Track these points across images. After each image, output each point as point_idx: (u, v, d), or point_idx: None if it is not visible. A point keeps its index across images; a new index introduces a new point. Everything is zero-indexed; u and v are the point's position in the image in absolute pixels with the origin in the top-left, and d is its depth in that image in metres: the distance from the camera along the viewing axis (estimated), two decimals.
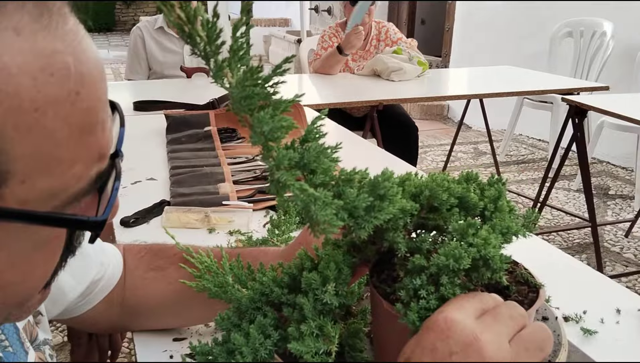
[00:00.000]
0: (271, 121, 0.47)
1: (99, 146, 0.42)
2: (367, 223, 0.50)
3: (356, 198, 0.49)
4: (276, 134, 0.47)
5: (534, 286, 0.62)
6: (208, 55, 0.46)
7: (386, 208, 0.50)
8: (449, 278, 0.51)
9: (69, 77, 0.38)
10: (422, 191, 0.57)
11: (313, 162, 0.50)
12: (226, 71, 0.46)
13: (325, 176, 0.51)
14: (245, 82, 0.46)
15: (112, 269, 0.84)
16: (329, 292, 0.56)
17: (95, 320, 0.86)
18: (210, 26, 0.44)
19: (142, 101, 2.41)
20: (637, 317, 0.95)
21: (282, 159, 0.48)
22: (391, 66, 3.19)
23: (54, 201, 0.40)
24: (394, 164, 1.72)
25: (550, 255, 1.18)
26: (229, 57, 0.46)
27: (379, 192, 0.51)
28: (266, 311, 0.61)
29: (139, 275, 0.86)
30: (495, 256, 0.52)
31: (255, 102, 0.46)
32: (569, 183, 4.24)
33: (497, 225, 0.56)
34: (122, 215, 1.28)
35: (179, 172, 1.54)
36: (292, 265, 0.63)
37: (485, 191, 0.59)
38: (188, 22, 0.44)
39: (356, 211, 0.50)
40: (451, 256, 0.50)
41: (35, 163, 0.37)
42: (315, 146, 0.50)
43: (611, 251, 3.20)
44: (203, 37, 0.45)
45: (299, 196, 0.47)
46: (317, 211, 0.47)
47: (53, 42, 0.37)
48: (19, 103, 0.35)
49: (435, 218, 0.58)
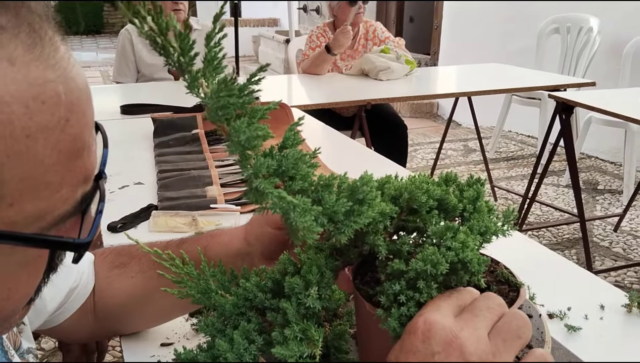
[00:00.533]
0: (248, 129, 0.47)
1: (85, 169, 0.43)
2: (347, 227, 0.51)
3: (335, 203, 0.50)
4: (253, 142, 0.47)
5: (514, 285, 0.63)
6: (182, 66, 0.46)
7: (365, 212, 0.51)
8: (426, 283, 0.52)
9: (60, 105, 0.40)
10: (401, 193, 0.57)
11: (291, 169, 0.50)
12: (201, 81, 0.46)
13: (304, 182, 0.51)
14: (220, 93, 0.46)
15: (86, 276, 0.84)
16: (311, 296, 0.56)
17: (73, 329, 0.86)
18: (183, 38, 0.45)
19: (130, 104, 2.40)
20: (620, 313, 0.96)
21: (260, 167, 0.49)
22: (379, 65, 3.19)
23: (40, 223, 0.41)
24: (382, 164, 1.73)
25: (535, 252, 1.19)
26: (204, 67, 0.46)
27: (358, 196, 0.51)
28: (250, 316, 0.61)
29: (103, 275, 0.86)
30: (473, 259, 0.52)
31: (232, 111, 0.47)
32: (559, 179, 4.26)
33: (475, 226, 0.56)
34: (110, 220, 1.28)
35: (167, 176, 1.54)
36: (275, 269, 0.63)
37: (464, 193, 0.60)
38: (160, 33, 0.44)
39: (336, 216, 0.50)
40: (429, 262, 0.51)
41: (24, 187, 0.39)
42: (293, 153, 0.51)
43: (600, 245, 3.23)
44: (176, 48, 0.45)
45: (277, 204, 0.47)
46: (296, 218, 0.47)
47: (44, 71, 0.39)
48: (11, 130, 0.37)
49: (415, 220, 0.58)
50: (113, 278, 0.86)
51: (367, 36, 3.51)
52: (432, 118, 6.30)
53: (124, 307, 0.86)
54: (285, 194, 0.47)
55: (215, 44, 0.46)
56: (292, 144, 0.52)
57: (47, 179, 0.40)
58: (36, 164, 0.39)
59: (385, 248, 0.56)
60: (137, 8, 0.43)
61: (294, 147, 0.52)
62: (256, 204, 0.50)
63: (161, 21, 0.44)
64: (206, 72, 0.46)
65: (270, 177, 0.50)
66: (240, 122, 0.47)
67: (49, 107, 0.39)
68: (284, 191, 0.48)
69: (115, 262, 0.87)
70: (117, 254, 0.88)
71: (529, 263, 1.12)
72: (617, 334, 0.91)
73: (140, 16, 0.43)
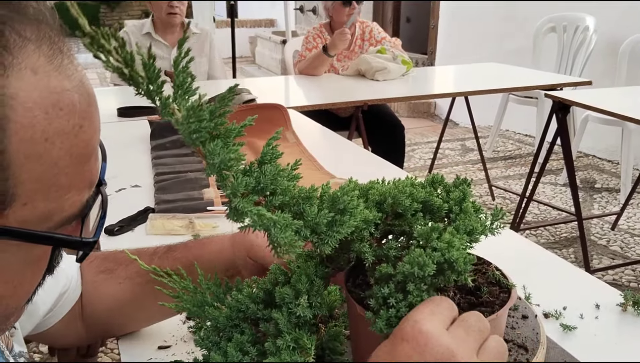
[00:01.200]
0: (222, 151, 0.48)
1: (91, 174, 0.47)
2: (330, 238, 0.51)
3: (317, 215, 0.50)
4: (228, 164, 0.48)
5: (505, 286, 0.63)
6: (152, 94, 0.47)
7: (347, 221, 0.51)
8: (416, 285, 0.52)
9: (75, 113, 0.43)
10: (385, 198, 0.58)
11: (270, 185, 0.51)
12: (173, 106, 0.47)
13: (285, 196, 0.52)
14: (189, 119, 0.47)
15: (75, 281, 0.86)
16: (301, 305, 0.57)
17: (61, 334, 0.87)
18: (148, 68, 0.45)
19: (127, 107, 2.40)
20: (615, 312, 0.96)
21: (238, 186, 0.49)
22: (375, 65, 3.20)
23: (48, 223, 0.44)
24: (379, 165, 1.73)
25: (531, 252, 1.20)
26: (173, 92, 0.47)
27: (339, 206, 0.52)
28: (243, 328, 0.61)
29: (89, 279, 0.87)
30: (459, 258, 0.53)
31: (205, 135, 0.48)
32: (556, 178, 4.27)
33: (461, 226, 0.57)
34: (107, 223, 1.28)
35: (164, 178, 1.55)
36: (266, 280, 0.63)
37: (450, 193, 0.60)
38: (126, 65, 0.45)
39: (318, 227, 0.51)
40: (416, 264, 0.51)
41: (38, 188, 0.42)
42: (271, 169, 0.51)
43: (598, 244, 3.23)
44: (144, 77, 0.46)
45: (257, 222, 0.48)
46: (277, 234, 0.48)
47: (63, 81, 0.43)
48: (32, 134, 0.41)
49: (401, 224, 0.58)
50: (99, 283, 0.87)
51: (363, 37, 3.52)
52: (430, 118, 6.31)
53: (111, 312, 0.87)
54: (265, 212, 0.48)
55: (183, 68, 0.46)
56: (270, 159, 0.52)
57: (59, 181, 0.43)
58: (51, 166, 0.42)
59: (371, 254, 0.56)
60: (102, 42, 0.44)
61: (273, 161, 0.53)
62: (236, 222, 0.50)
63: (125, 54, 0.45)
64: (177, 96, 0.47)
65: (249, 195, 0.50)
66: (215, 145, 0.48)
67: (66, 114, 0.43)
68: (263, 209, 0.48)
69: (100, 267, 0.88)
70: (103, 259, 0.90)
71: (525, 263, 1.12)
72: (612, 333, 0.92)
73: (106, 50, 0.44)
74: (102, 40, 0.44)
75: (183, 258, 0.85)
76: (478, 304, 0.59)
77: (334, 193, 0.52)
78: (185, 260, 0.84)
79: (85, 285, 0.87)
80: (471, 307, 0.59)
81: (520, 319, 0.75)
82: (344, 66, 3.50)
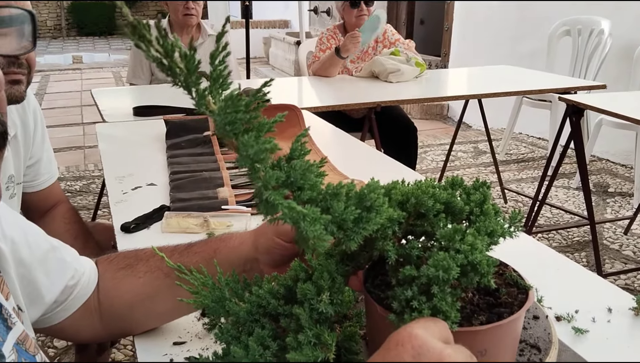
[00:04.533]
0: (256, 143, 0.49)
1: None
2: (356, 234, 0.52)
3: (344, 211, 0.51)
4: (261, 156, 0.49)
5: (523, 287, 0.64)
6: (189, 85, 0.47)
7: (374, 218, 0.52)
8: (440, 288, 0.53)
9: None
10: (408, 198, 0.59)
11: (300, 179, 0.52)
12: (208, 98, 0.48)
13: (313, 192, 0.53)
14: (227, 110, 0.48)
15: (87, 277, 0.87)
16: (323, 301, 0.58)
17: (75, 329, 0.89)
18: (188, 59, 0.46)
19: (142, 106, 2.43)
20: (628, 316, 0.96)
21: (270, 179, 0.50)
22: (389, 67, 3.20)
23: None
24: (391, 167, 1.74)
25: (543, 255, 1.20)
26: (210, 85, 0.48)
27: (366, 204, 0.52)
28: (264, 322, 0.62)
29: (109, 276, 0.89)
30: (483, 261, 0.54)
31: (239, 126, 0.48)
32: (569, 181, 4.25)
33: (482, 228, 0.57)
34: (123, 221, 1.30)
35: (179, 177, 1.56)
36: (287, 276, 0.64)
37: (471, 196, 0.61)
38: (166, 55, 0.46)
39: (345, 223, 0.51)
40: (440, 267, 0.52)
41: None
42: (301, 164, 0.52)
43: (610, 248, 3.22)
44: (183, 69, 0.47)
45: (287, 214, 0.48)
46: (306, 228, 0.48)
47: None
48: None
49: (423, 224, 0.59)
50: (120, 279, 0.88)
51: (377, 38, 3.52)
52: (442, 120, 6.30)
53: (131, 307, 0.88)
54: (295, 205, 0.49)
55: (220, 62, 0.47)
56: (299, 155, 0.53)
57: None
58: None
59: (394, 253, 0.57)
60: (143, 32, 0.44)
61: (302, 158, 0.53)
62: (267, 215, 0.51)
63: (166, 44, 0.45)
64: (212, 89, 0.48)
65: (279, 188, 0.51)
66: (249, 137, 0.48)
67: None
68: (293, 202, 0.49)
69: (121, 264, 0.90)
70: (123, 257, 0.92)
71: (537, 266, 1.12)
72: (624, 337, 0.92)
73: (146, 40, 0.45)
74: (143, 30, 0.45)
75: (202, 252, 0.86)
76: (497, 305, 0.60)
77: (361, 190, 0.53)
78: (204, 254, 0.85)
79: (105, 281, 0.89)
80: (490, 307, 0.60)
81: (532, 319, 0.76)
82: (358, 67, 3.51)
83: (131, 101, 2.68)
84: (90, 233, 1.62)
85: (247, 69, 4.74)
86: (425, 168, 4.62)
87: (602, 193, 4.05)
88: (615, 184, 4.21)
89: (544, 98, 4.22)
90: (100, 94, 2.83)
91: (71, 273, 0.85)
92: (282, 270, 0.78)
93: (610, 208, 3.77)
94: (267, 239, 0.79)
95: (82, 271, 0.87)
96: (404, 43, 3.48)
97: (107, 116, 2.37)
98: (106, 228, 1.71)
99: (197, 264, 0.82)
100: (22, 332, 0.69)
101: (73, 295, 0.85)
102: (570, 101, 2.65)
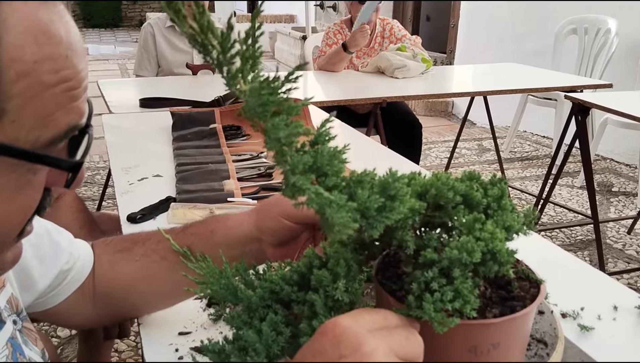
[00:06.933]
0: (286, 127, 0.48)
1: (79, 105, 0.51)
2: (379, 223, 0.51)
3: (368, 199, 0.50)
4: (291, 139, 0.48)
5: (535, 282, 0.64)
6: (222, 64, 0.47)
7: (397, 208, 0.51)
8: (461, 271, 0.53)
9: (62, 43, 0.48)
10: (427, 190, 0.58)
11: (326, 165, 0.51)
12: (239, 78, 0.48)
13: (337, 178, 0.52)
14: (261, 91, 0.47)
15: (82, 261, 0.86)
16: (339, 289, 0.57)
17: (69, 314, 0.87)
18: (224, 37, 0.46)
19: (148, 98, 2.43)
20: (633, 314, 0.97)
21: (297, 163, 0.49)
22: (395, 63, 3.20)
23: (36, 144, 0.48)
24: (396, 162, 1.74)
25: (549, 252, 1.20)
26: (241, 65, 0.48)
27: (390, 193, 0.52)
28: (276, 308, 0.62)
29: (106, 259, 0.88)
30: (502, 249, 0.53)
31: (270, 108, 0.48)
32: (573, 180, 4.25)
33: (500, 221, 0.57)
34: (129, 211, 1.30)
35: (185, 169, 1.57)
36: (300, 263, 0.64)
37: (488, 190, 0.61)
38: (202, 32, 0.46)
39: (368, 211, 0.51)
40: (464, 250, 0.52)
41: (26, 104, 0.46)
42: (328, 149, 0.52)
43: (614, 248, 3.22)
44: (217, 47, 0.46)
45: (314, 200, 0.48)
46: (332, 214, 0.48)
47: (50, 15, 0.48)
48: (22, 54, 0.45)
49: (441, 215, 0.59)
50: (116, 262, 0.87)
51: (383, 34, 3.52)
52: (447, 117, 6.29)
53: (126, 290, 0.87)
54: (322, 191, 0.48)
55: (254, 41, 0.47)
56: (324, 140, 0.53)
57: (46, 100, 0.47)
58: (39, 85, 0.46)
59: (413, 243, 0.56)
60: (178, 7, 0.44)
61: (326, 143, 0.53)
62: (292, 199, 0.51)
63: (203, 21, 0.45)
64: (244, 70, 0.48)
65: (306, 173, 0.51)
66: (279, 120, 0.48)
67: (54, 43, 0.47)
68: (320, 187, 0.49)
69: (117, 247, 0.89)
70: (120, 240, 0.90)
71: (543, 263, 1.11)
72: (630, 335, 0.92)
73: (182, 15, 0.45)
74: (179, 5, 0.45)
75: (198, 233, 0.84)
76: (510, 298, 0.60)
77: (385, 178, 0.53)
78: (200, 235, 0.83)
79: (101, 265, 0.88)
80: (503, 301, 0.60)
81: (537, 315, 0.76)
82: (364, 62, 3.51)
83: (137, 92, 2.68)
84: (95, 223, 1.63)
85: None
86: (429, 164, 4.61)
87: (606, 192, 4.04)
88: (619, 184, 4.20)
89: (549, 96, 4.21)
90: (106, 85, 2.83)
91: (66, 257, 0.83)
92: (285, 250, 0.78)
93: (614, 208, 3.77)
94: (273, 220, 0.77)
95: (77, 255, 0.85)
96: (411, 39, 3.48)
97: (114, 108, 2.37)
98: (111, 218, 1.71)
99: (193, 245, 0.81)
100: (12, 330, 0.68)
101: (67, 279, 0.84)
102: (576, 100, 2.64)
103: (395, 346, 0.50)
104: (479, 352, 0.56)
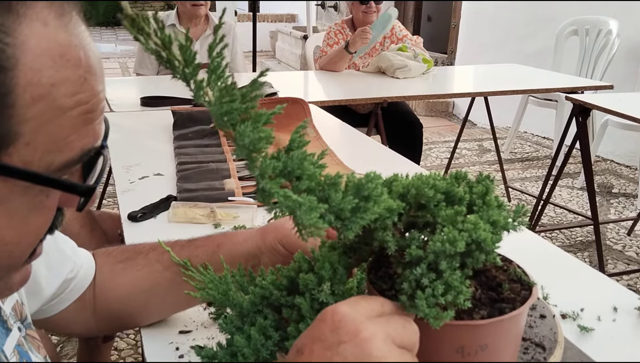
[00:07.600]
0: (252, 133, 0.49)
1: (94, 128, 0.50)
2: (354, 224, 0.52)
3: (342, 201, 0.51)
4: (258, 145, 0.49)
5: (527, 284, 0.64)
6: (187, 76, 0.48)
7: (371, 208, 0.52)
8: (447, 263, 0.53)
9: (80, 66, 0.47)
10: (408, 190, 0.59)
11: (297, 169, 0.52)
12: (206, 89, 0.48)
13: (311, 182, 0.53)
14: (222, 100, 0.48)
15: (84, 270, 0.86)
16: (324, 291, 0.58)
17: (69, 322, 0.87)
18: (185, 50, 0.47)
19: (149, 96, 2.43)
20: (633, 315, 0.97)
21: (266, 168, 0.50)
22: (396, 63, 3.20)
23: (50, 168, 0.47)
24: (397, 161, 1.74)
25: (550, 253, 1.20)
26: (207, 76, 0.48)
27: (364, 193, 0.53)
28: (266, 313, 0.63)
29: (107, 269, 0.88)
30: (487, 238, 0.53)
31: (236, 117, 0.49)
32: (573, 181, 4.25)
33: (484, 216, 0.57)
34: (130, 210, 1.30)
35: (186, 168, 1.57)
36: (290, 268, 0.65)
37: (473, 188, 0.61)
38: (164, 48, 0.46)
39: (342, 213, 0.52)
40: (446, 241, 0.52)
41: (41, 127, 0.45)
42: (298, 154, 0.52)
43: (613, 249, 3.22)
44: (180, 60, 0.47)
45: (283, 203, 0.49)
46: (302, 216, 0.49)
47: (70, 37, 0.47)
48: (39, 78, 0.44)
49: (425, 215, 0.59)
50: (117, 272, 0.87)
51: (384, 34, 3.52)
52: (447, 117, 6.29)
53: (127, 300, 0.87)
54: (291, 194, 0.49)
55: (217, 53, 0.48)
56: (297, 146, 0.53)
57: (62, 123, 0.47)
58: (55, 108, 0.46)
59: (394, 244, 0.57)
60: (142, 25, 0.45)
61: (300, 149, 0.54)
62: (264, 203, 0.51)
63: (164, 36, 0.46)
64: (210, 80, 0.49)
65: (276, 178, 0.51)
66: (245, 126, 0.49)
67: (72, 66, 0.47)
68: (289, 191, 0.50)
69: (120, 257, 0.89)
70: (122, 250, 0.91)
71: (543, 264, 1.13)
72: (630, 336, 0.92)
73: (145, 33, 0.46)
74: (142, 23, 0.46)
75: (205, 246, 0.85)
76: (499, 300, 0.60)
77: (359, 180, 0.53)
78: (206, 248, 0.85)
79: (102, 274, 0.88)
80: (492, 303, 0.60)
81: (539, 318, 0.76)
82: (365, 62, 3.51)
83: (138, 91, 2.68)
84: (96, 222, 1.63)
85: (253, 63, 4.74)
86: (429, 164, 4.62)
87: (606, 193, 4.05)
88: (620, 185, 4.20)
89: (549, 97, 4.21)
90: (107, 83, 2.82)
91: (70, 266, 0.83)
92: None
93: (614, 209, 3.77)
94: (271, 243, 0.81)
95: (80, 264, 0.85)
96: (412, 39, 3.48)
97: (115, 106, 2.37)
98: (112, 217, 1.72)
99: (198, 257, 0.82)
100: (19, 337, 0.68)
101: (70, 287, 0.84)
102: (577, 101, 2.64)
103: (393, 333, 0.51)
104: (466, 353, 0.56)
